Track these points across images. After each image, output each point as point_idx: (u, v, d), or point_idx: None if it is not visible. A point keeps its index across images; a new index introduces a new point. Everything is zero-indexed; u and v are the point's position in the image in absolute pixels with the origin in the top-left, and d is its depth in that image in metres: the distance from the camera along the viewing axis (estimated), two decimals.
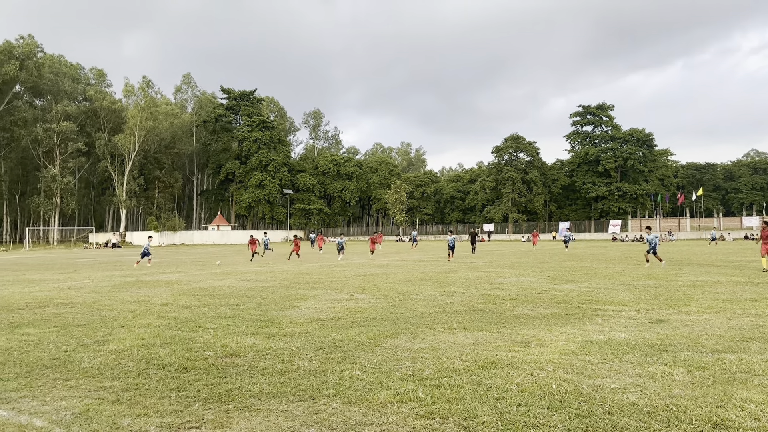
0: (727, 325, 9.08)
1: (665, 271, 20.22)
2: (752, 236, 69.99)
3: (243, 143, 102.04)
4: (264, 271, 23.27)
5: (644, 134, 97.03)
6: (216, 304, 12.61)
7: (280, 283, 17.36)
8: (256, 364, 6.86)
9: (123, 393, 5.75)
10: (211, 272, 22.85)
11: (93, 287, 17.07)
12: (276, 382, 6.03)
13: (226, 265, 28.26)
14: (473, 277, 18.60)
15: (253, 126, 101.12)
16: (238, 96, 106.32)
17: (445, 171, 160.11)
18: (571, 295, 13.44)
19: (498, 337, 8.35)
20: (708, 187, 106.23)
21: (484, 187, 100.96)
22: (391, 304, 12.24)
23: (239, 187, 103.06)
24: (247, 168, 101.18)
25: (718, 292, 13.77)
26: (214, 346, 7.94)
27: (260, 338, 8.45)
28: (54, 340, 8.56)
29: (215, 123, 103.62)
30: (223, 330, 9.19)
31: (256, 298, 13.53)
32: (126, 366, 6.86)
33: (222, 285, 17.16)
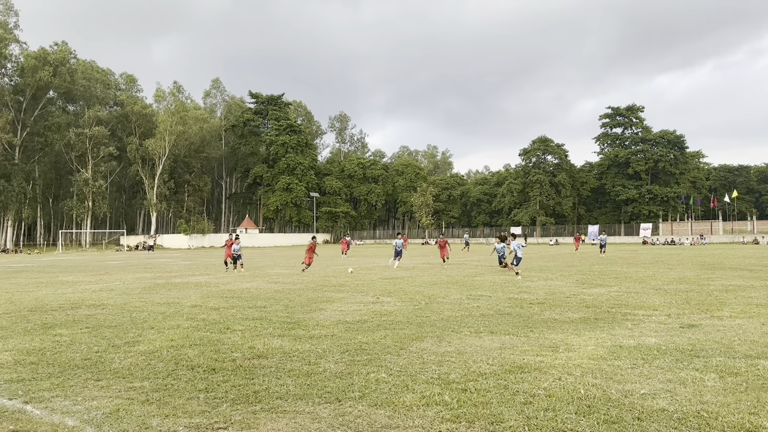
0: (760, 331, 8.86)
1: (697, 276, 19.80)
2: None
3: (271, 147, 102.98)
4: (291, 273, 23.44)
5: (675, 136, 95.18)
6: (244, 306, 12.75)
7: (306, 286, 17.47)
8: (282, 365, 6.92)
9: (152, 393, 5.85)
10: (239, 274, 23.09)
11: (124, 289, 17.41)
12: (302, 384, 6.08)
13: (253, 267, 28.54)
14: (500, 281, 18.47)
15: (281, 130, 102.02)
16: (266, 100, 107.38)
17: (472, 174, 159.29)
18: (601, 299, 13.25)
19: (525, 342, 8.28)
20: (741, 189, 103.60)
21: (512, 190, 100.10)
22: (417, 307, 12.23)
23: (267, 191, 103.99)
24: (275, 171, 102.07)
25: (751, 296, 13.44)
26: (241, 347, 8.02)
27: (287, 340, 8.52)
28: (86, 341, 8.75)
29: (243, 127, 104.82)
30: (250, 332, 9.28)
31: (283, 301, 13.64)
32: (155, 367, 6.98)
33: (249, 287, 17.34)
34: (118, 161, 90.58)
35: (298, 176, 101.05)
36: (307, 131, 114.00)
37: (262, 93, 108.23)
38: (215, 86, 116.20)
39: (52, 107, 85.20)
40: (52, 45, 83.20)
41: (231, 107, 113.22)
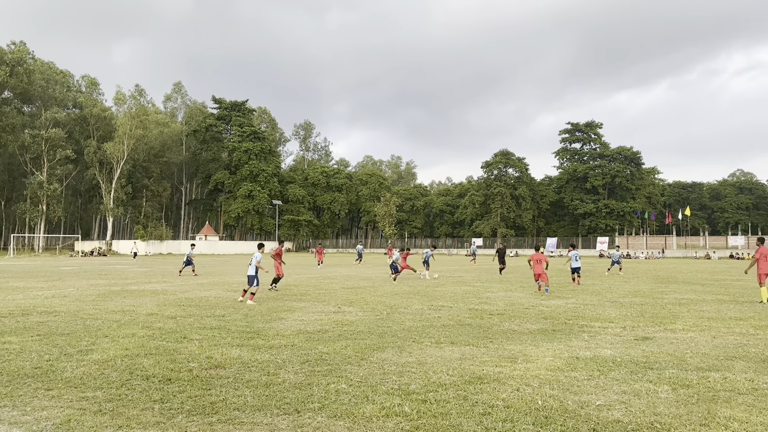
0: (711, 344, 9.14)
1: (651, 289, 20.35)
2: (737, 255, 70.70)
3: (233, 153, 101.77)
4: None
5: (632, 152, 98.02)
6: (202, 314, 12.51)
7: (267, 295, 17.26)
8: (241, 376, 6.81)
9: (105, 404, 5.68)
10: (197, 282, 22.68)
11: (77, 296, 16.89)
12: (261, 395, 5.99)
13: (212, 275, 28.08)
14: (461, 292, 18.61)
15: (244, 136, 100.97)
16: (230, 106, 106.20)
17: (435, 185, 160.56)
18: (558, 311, 13.48)
19: (485, 352, 8.35)
20: (694, 206, 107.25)
21: (474, 202, 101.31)
22: (379, 317, 12.21)
23: (228, 198, 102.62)
24: (237, 178, 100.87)
25: (703, 310, 13.87)
26: (198, 357, 7.87)
27: (246, 350, 8.39)
28: (36, 349, 8.45)
29: (205, 132, 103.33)
30: (208, 341, 9.11)
31: (242, 309, 13.45)
32: (109, 376, 6.78)
33: (208, 296, 17.04)
34: (75, 164, 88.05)
35: (260, 183, 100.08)
36: (270, 138, 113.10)
37: (225, 98, 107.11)
38: (177, 90, 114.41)
39: (7, 107, 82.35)
40: (9, 44, 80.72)
41: (193, 112, 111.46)
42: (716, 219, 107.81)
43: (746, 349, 8.67)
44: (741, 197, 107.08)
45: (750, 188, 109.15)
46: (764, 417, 5.28)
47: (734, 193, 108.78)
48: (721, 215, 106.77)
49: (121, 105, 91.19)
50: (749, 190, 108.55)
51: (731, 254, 72.71)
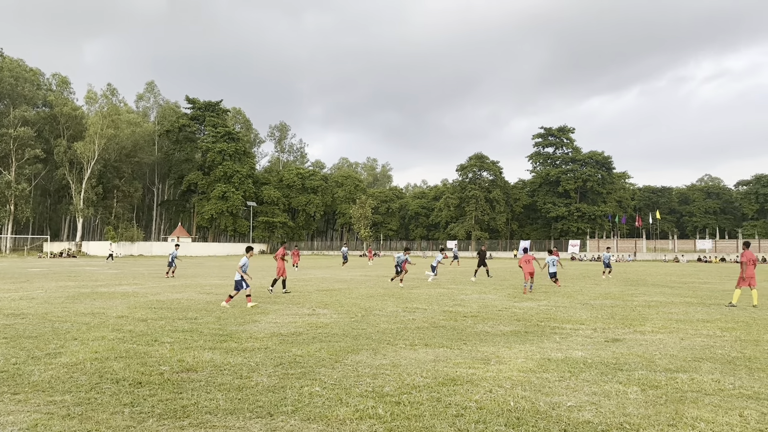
0: (679, 345, 9.34)
1: (622, 291, 20.70)
2: (705, 258, 72.35)
3: (207, 154, 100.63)
4: (225, 284, 22.91)
5: (603, 157, 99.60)
6: (173, 317, 12.35)
7: (241, 297, 17.10)
8: (213, 379, 6.75)
9: (74, 408, 5.58)
10: (170, 285, 22.39)
11: (46, 298, 16.53)
12: (233, 399, 5.94)
13: (184, 277, 27.73)
14: (436, 294, 18.70)
15: (218, 137, 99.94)
16: (203, 106, 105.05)
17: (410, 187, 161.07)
18: (531, 313, 13.63)
19: (458, 354, 8.40)
20: (663, 210, 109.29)
21: (448, 205, 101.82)
22: (353, 319, 12.21)
23: (201, 199, 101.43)
24: (211, 179, 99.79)
25: (671, 312, 14.16)
26: (170, 360, 7.77)
27: (218, 353, 8.31)
28: (3, 352, 8.25)
29: (178, 133, 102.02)
30: (180, 344, 9.01)
31: (215, 312, 13.32)
32: (78, 380, 6.66)
33: (180, 298, 16.83)
34: (44, 164, 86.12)
35: (235, 184, 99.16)
36: (245, 139, 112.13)
37: (199, 98, 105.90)
38: (149, 89, 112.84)
39: None
40: None
41: (166, 112, 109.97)
42: (685, 223, 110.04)
43: (713, 350, 8.88)
44: (708, 202, 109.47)
45: (717, 193, 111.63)
46: (730, 417, 5.41)
47: (702, 197, 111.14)
48: (690, 219, 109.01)
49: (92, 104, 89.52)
50: (716, 195, 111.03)
51: (699, 257, 74.39)
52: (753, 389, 6.45)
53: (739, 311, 14.42)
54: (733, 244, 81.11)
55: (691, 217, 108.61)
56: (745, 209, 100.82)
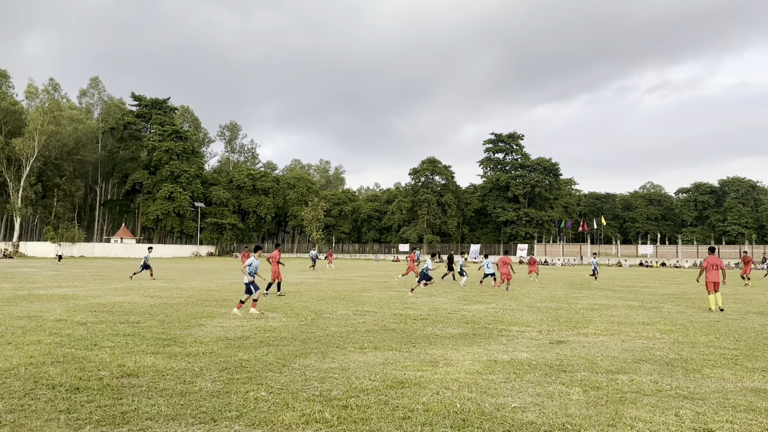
0: (621, 347, 9.63)
1: (566, 294, 21.24)
2: (647, 263, 75.14)
3: (153, 153, 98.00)
4: (170, 287, 22.34)
5: (551, 163, 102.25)
6: (115, 321, 11.95)
7: (186, 300, 16.72)
8: (155, 384, 6.55)
9: (6, 415, 5.32)
10: (111, 287, 21.67)
11: None
12: (176, 404, 5.78)
13: (127, 279, 26.89)
14: (386, 297, 18.73)
15: (165, 135, 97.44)
16: (150, 104, 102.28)
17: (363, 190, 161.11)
18: (479, 316, 13.81)
19: (407, 357, 8.43)
20: (607, 215, 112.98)
21: (401, 208, 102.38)
22: (303, 323, 12.09)
23: (147, 199, 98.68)
24: (157, 179, 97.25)
25: (613, 315, 14.61)
26: (110, 365, 7.50)
27: (161, 358, 8.08)
28: None
29: (123, 130, 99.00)
30: (120, 349, 8.71)
31: (158, 316, 12.95)
32: (11, 386, 6.35)
33: (122, 301, 16.30)
34: None
35: (182, 184, 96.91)
36: (193, 138, 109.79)
37: (145, 96, 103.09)
38: (94, 85, 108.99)
39: None
40: None
41: (110, 109, 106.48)
42: (628, 228, 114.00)
43: (652, 352, 9.19)
44: (650, 208, 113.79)
45: (659, 200, 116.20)
46: (666, 417, 5.60)
47: (644, 204, 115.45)
48: (632, 225, 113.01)
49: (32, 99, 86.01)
50: (658, 202, 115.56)
51: (641, 262, 77.21)
52: (689, 390, 6.69)
53: (677, 314, 15.00)
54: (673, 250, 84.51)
55: (634, 223, 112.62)
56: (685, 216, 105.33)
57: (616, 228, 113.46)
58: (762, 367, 8.00)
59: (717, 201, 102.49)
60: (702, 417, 5.59)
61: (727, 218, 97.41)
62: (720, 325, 12.73)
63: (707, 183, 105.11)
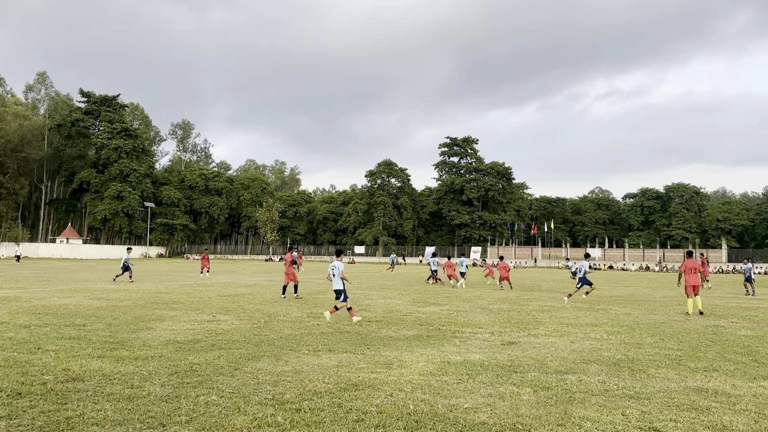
0: (570, 348, 9.87)
1: (518, 296, 21.64)
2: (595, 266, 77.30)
3: (101, 151, 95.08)
4: (118, 289, 21.71)
5: (504, 168, 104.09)
6: (60, 323, 11.54)
7: (134, 303, 16.27)
8: (101, 389, 6.36)
9: None
10: (56, 289, 20.91)
11: None
12: (123, 409, 5.62)
13: (73, 281, 25.99)
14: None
15: (114, 133, 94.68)
16: (99, 100, 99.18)
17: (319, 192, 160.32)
18: (433, 317, 13.93)
19: (362, 359, 8.43)
20: (558, 219, 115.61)
21: (357, 210, 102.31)
22: (256, 325, 11.94)
23: (94, 198, 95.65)
24: (105, 178, 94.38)
25: (563, 316, 14.96)
26: (54, 369, 7.24)
27: (108, 361, 7.84)
28: None
29: (71, 127, 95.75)
30: (65, 352, 8.42)
31: (106, 318, 12.57)
32: None
33: (68, 303, 15.75)
34: None
35: (131, 184, 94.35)
36: (144, 136, 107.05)
37: (94, 92, 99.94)
38: (41, 80, 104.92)
39: None
40: None
41: (58, 105, 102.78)
42: (577, 232, 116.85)
43: (600, 353, 9.45)
44: (599, 213, 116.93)
45: (607, 205, 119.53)
46: (613, 416, 5.77)
47: (593, 208, 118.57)
48: (581, 229, 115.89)
49: None
50: (606, 207, 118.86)
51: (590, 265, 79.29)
52: (635, 389, 6.91)
53: (624, 316, 15.47)
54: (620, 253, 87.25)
55: (583, 227, 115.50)
56: (632, 220, 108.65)
57: (566, 231, 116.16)
58: (704, 367, 8.33)
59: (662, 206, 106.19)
60: (647, 416, 5.78)
61: (672, 223, 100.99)
62: (665, 326, 13.20)
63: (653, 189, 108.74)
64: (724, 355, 9.37)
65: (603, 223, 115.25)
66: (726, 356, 9.30)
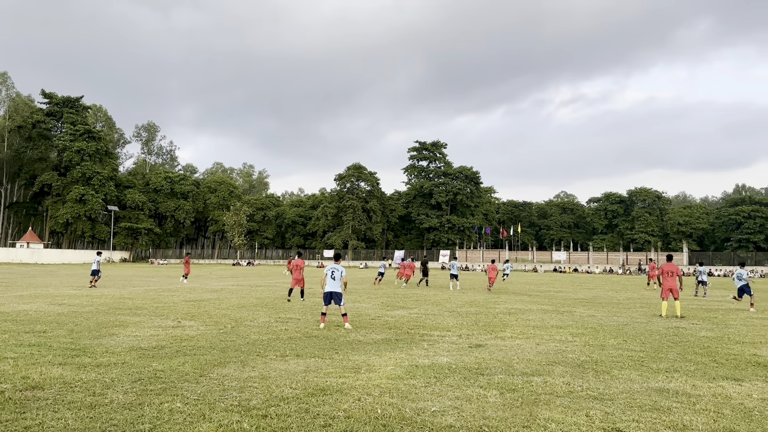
0: (535, 350, 10.00)
1: (486, 299, 21.84)
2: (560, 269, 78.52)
3: (64, 153, 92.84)
4: (80, 294, 21.20)
5: (472, 172, 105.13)
6: (19, 330, 11.20)
7: (97, 309, 15.91)
8: (62, 397, 6.19)
9: None
10: (16, 295, 20.30)
11: None
12: (84, 417, 5.49)
13: (34, 286, 25.27)
14: (310, 304, 18.58)
15: (77, 135, 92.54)
16: (61, 102, 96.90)
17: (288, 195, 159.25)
18: (402, 321, 13.96)
19: (330, 364, 8.39)
20: (524, 223, 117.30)
21: (326, 214, 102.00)
22: (222, 331, 11.79)
23: (56, 201, 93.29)
24: (67, 180, 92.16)
25: (529, 319, 15.16)
26: (13, 377, 7.03)
27: (69, 369, 7.65)
28: None
29: (32, 129, 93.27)
30: (25, 360, 8.18)
31: (67, 325, 12.25)
32: None
33: (28, 309, 15.31)
34: None
35: (94, 187, 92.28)
36: (107, 138, 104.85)
37: (57, 93, 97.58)
38: (1, 81, 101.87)
39: None
40: None
41: (18, 106, 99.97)
42: (543, 236, 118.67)
43: (565, 354, 9.60)
44: (564, 216, 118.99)
45: (572, 209, 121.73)
46: (577, 417, 5.86)
47: (558, 212, 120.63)
48: (547, 232, 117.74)
49: None
50: (571, 211, 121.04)
51: (555, 268, 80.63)
52: (598, 390, 7.04)
53: (588, 318, 15.75)
54: (585, 256, 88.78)
55: (549, 230, 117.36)
56: (596, 224, 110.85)
57: (533, 235, 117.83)
58: (665, 368, 8.53)
59: (626, 210, 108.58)
60: (611, 417, 5.89)
61: (635, 227, 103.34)
62: (628, 328, 13.48)
63: (617, 193, 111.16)
64: (685, 356, 9.61)
65: (568, 227, 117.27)
66: (687, 357, 9.55)
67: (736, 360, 9.36)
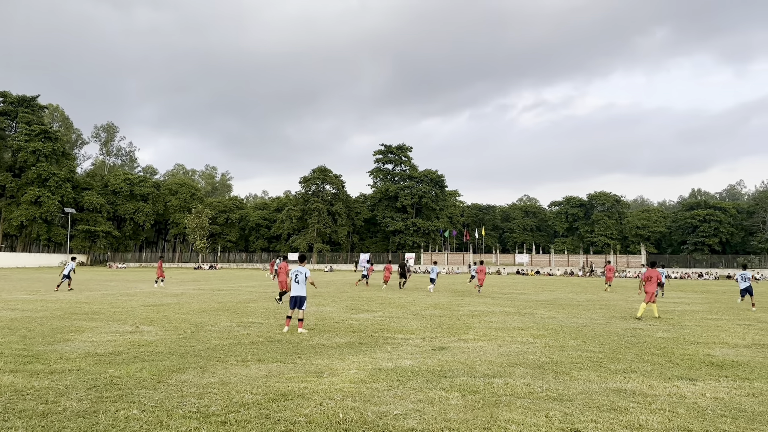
0: (497, 352, 10.11)
1: (449, 302, 21.99)
2: (523, 271, 79.66)
3: (18, 154, 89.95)
4: (34, 299, 20.53)
5: (437, 175, 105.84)
6: None
7: (52, 314, 15.43)
8: (12, 405, 5.99)
9: None
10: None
11: None
12: (36, 426, 5.31)
13: None
14: (273, 308, 18.40)
15: (32, 135, 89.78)
16: (16, 101, 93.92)
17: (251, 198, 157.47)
18: (366, 324, 13.94)
19: (292, 368, 8.31)
20: (488, 226, 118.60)
21: (291, 217, 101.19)
22: (182, 336, 11.56)
23: (10, 203, 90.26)
24: (22, 182, 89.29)
25: (491, 321, 15.32)
26: None
27: (21, 376, 7.39)
28: None
29: None
30: None
31: (20, 330, 11.85)
32: None
33: None
34: None
35: (50, 189, 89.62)
36: (64, 139, 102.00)
37: (11, 92, 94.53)
38: None
39: None
40: None
41: None
42: (506, 238, 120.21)
43: (526, 356, 9.73)
44: (527, 220, 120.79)
45: (534, 212, 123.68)
46: (537, 418, 5.94)
47: (521, 215, 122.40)
48: (510, 235, 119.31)
49: None
50: (533, 214, 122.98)
51: (518, 270, 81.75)
52: (558, 391, 7.15)
53: (549, 320, 16.00)
54: (547, 258, 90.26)
55: (512, 233, 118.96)
56: (557, 227, 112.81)
57: (496, 238, 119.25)
58: (623, 369, 8.72)
59: (586, 214, 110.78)
60: (569, 417, 5.99)
61: (595, 230, 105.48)
62: (587, 330, 13.75)
63: (577, 197, 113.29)
64: (642, 357, 9.84)
65: (530, 230, 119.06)
66: (644, 358, 9.78)
67: (691, 360, 9.64)
